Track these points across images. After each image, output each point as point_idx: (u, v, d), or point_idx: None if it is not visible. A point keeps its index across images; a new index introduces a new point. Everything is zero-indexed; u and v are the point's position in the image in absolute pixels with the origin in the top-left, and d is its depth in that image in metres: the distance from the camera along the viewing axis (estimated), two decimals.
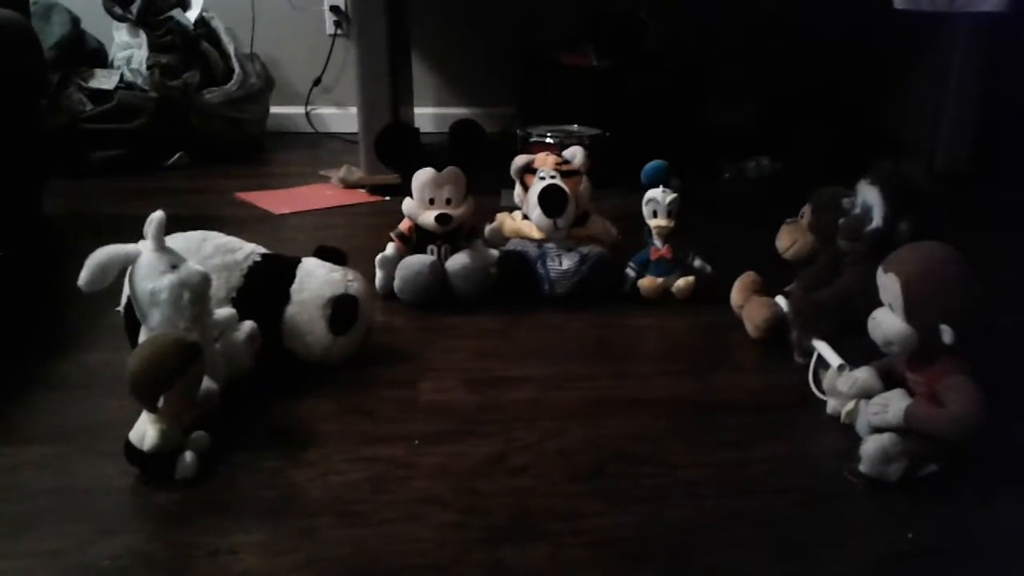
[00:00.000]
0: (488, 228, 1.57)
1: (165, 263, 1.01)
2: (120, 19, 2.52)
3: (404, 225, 1.48)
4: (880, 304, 0.99)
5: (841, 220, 1.19)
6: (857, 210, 1.18)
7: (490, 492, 0.94)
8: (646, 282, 1.48)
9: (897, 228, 1.12)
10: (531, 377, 1.22)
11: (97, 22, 2.55)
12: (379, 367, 1.23)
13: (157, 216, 1.02)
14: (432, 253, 1.46)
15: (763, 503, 0.94)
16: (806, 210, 1.31)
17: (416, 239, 1.47)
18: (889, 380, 1.01)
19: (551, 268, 1.47)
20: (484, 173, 1.48)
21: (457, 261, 1.44)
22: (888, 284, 0.97)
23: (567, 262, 1.47)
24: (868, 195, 1.16)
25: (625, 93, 2.33)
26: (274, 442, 1.03)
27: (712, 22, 2.79)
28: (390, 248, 1.47)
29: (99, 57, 2.55)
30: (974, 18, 2.19)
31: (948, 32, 2.36)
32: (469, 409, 1.13)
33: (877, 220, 1.14)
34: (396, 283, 1.43)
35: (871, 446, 0.95)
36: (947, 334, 0.92)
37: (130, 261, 1.01)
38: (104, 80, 2.44)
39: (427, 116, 2.84)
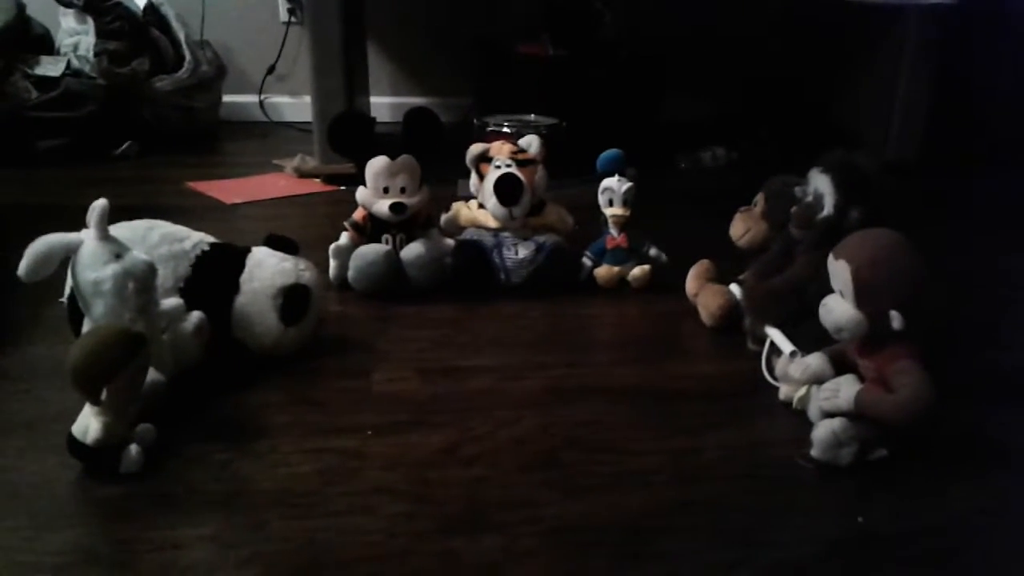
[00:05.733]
0: (444, 217, 1.56)
1: (108, 252, 0.98)
2: (67, 5, 2.47)
3: (358, 214, 1.46)
4: (831, 291, 1.00)
5: (793, 208, 1.20)
6: (809, 198, 1.19)
7: (442, 482, 0.93)
8: (602, 271, 1.48)
9: (848, 216, 1.14)
10: (486, 367, 1.21)
11: (43, 8, 2.49)
12: (332, 357, 1.21)
13: (100, 204, 0.99)
14: (387, 242, 1.44)
15: (716, 489, 0.94)
16: (759, 198, 1.32)
17: (370, 228, 1.45)
18: (840, 366, 1.02)
19: (507, 257, 1.46)
20: (440, 162, 1.47)
21: (412, 250, 1.43)
22: (839, 271, 0.97)
23: (523, 251, 1.46)
24: (820, 183, 1.17)
25: (581, 83, 2.33)
26: (222, 434, 1.01)
27: (669, 12, 2.79)
28: (344, 237, 1.45)
29: (45, 44, 2.49)
30: (926, 9, 2.22)
31: (901, 24, 2.39)
32: (423, 399, 1.12)
33: (828, 208, 1.15)
34: (350, 273, 1.41)
35: (822, 431, 0.96)
36: (896, 320, 0.93)
37: (72, 250, 0.98)
38: (50, 67, 2.38)
39: (383, 105, 2.82)
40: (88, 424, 0.91)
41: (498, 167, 1.47)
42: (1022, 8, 2.44)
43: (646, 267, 1.48)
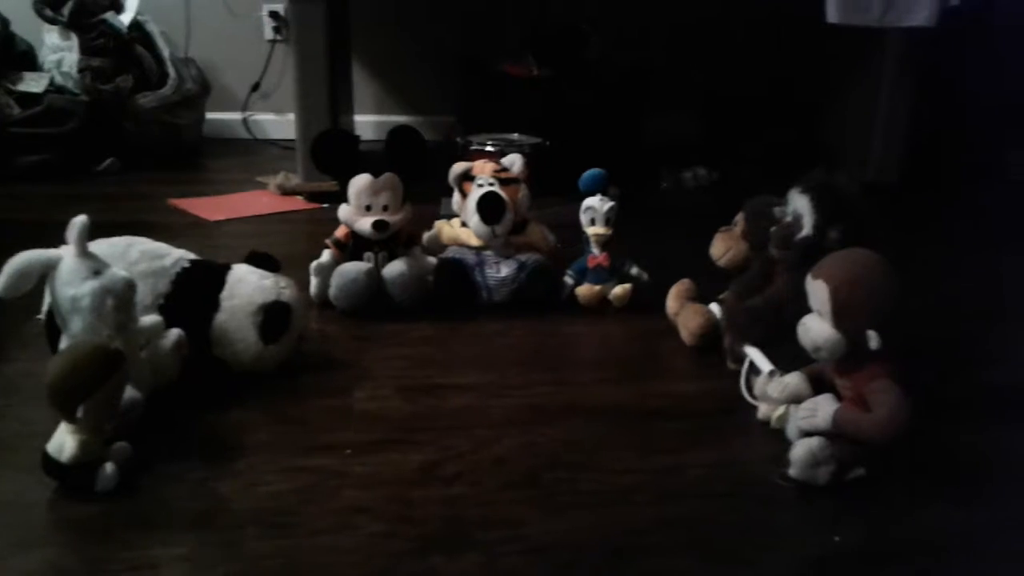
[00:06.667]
0: (426, 235, 1.56)
1: (87, 269, 0.98)
2: (51, 21, 2.46)
3: (340, 232, 1.46)
4: (810, 310, 1.00)
5: (773, 228, 1.21)
6: (788, 218, 1.20)
7: (422, 501, 0.93)
8: (584, 290, 1.48)
9: (827, 236, 1.14)
10: (468, 385, 1.21)
11: (27, 24, 2.48)
12: (312, 375, 1.21)
13: (79, 220, 0.99)
14: (369, 260, 1.44)
15: (696, 508, 0.94)
16: (739, 218, 1.32)
17: (352, 246, 1.45)
18: (818, 385, 1.03)
19: (489, 276, 1.46)
20: (423, 180, 1.47)
21: (394, 268, 1.43)
22: (817, 291, 0.98)
23: (505, 270, 1.46)
24: (799, 204, 1.18)
25: (565, 103, 2.34)
26: (200, 452, 1.00)
27: (653, 34, 2.82)
28: (326, 255, 1.45)
29: (28, 60, 2.48)
30: (906, 32, 2.25)
31: (882, 47, 2.42)
32: (403, 417, 1.11)
33: (807, 228, 1.16)
34: (331, 290, 1.41)
35: (800, 450, 0.96)
36: (873, 340, 0.94)
37: (51, 266, 0.98)
38: (33, 83, 2.37)
39: (367, 123, 2.82)
40: (63, 442, 0.90)
41: (481, 186, 1.47)
42: (1003, 30, 2.48)
43: (627, 286, 1.48)
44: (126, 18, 2.53)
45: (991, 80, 2.50)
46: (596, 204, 1.46)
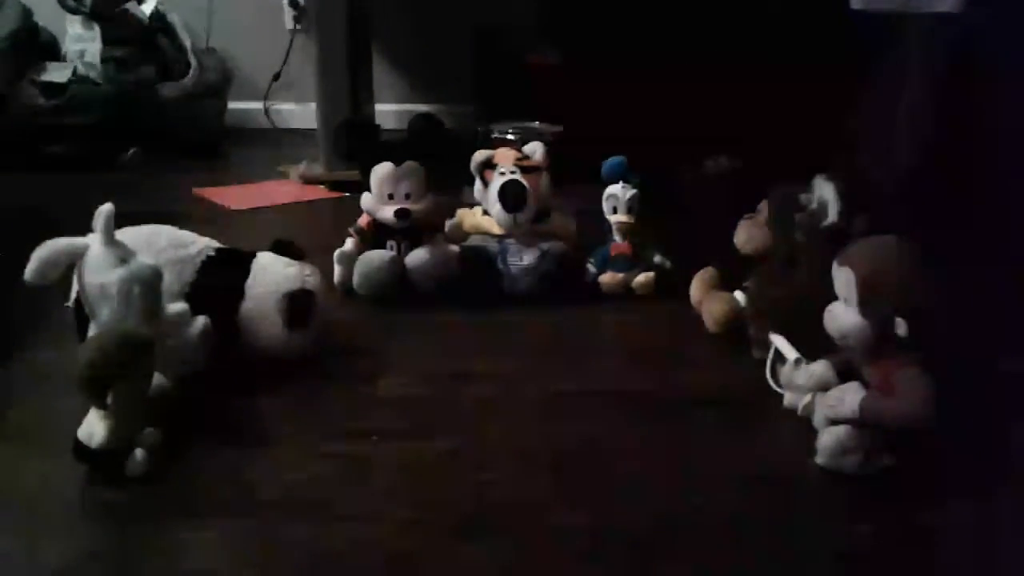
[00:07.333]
0: (448, 224, 1.55)
1: (115, 257, 0.98)
2: (73, 12, 2.47)
3: (363, 220, 1.46)
4: (836, 298, 1.00)
5: (798, 216, 1.20)
6: (813, 206, 1.19)
7: (448, 488, 0.93)
8: (606, 278, 1.48)
9: (852, 223, 1.14)
10: (491, 373, 1.21)
11: (50, 14, 2.50)
12: (337, 363, 1.21)
13: (106, 209, 0.99)
14: (391, 248, 1.44)
15: (721, 496, 0.94)
16: (764, 206, 1.32)
17: (375, 234, 1.45)
18: (845, 373, 1.02)
19: (512, 264, 1.46)
20: (444, 169, 1.47)
21: (417, 256, 1.43)
22: (843, 278, 0.97)
23: (528, 258, 1.46)
24: (824, 191, 1.17)
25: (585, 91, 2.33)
26: (228, 439, 1.01)
27: (668, 20, 2.79)
28: (349, 243, 1.45)
29: (52, 50, 2.50)
30: (929, 17, 2.22)
31: (905, 32, 2.39)
32: (429, 405, 1.12)
33: (833, 215, 1.16)
34: (355, 278, 1.41)
35: (827, 439, 0.96)
36: (900, 327, 0.93)
37: (78, 255, 0.98)
38: (57, 74, 2.39)
39: (389, 112, 2.82)
40: (93, 428, 0.91)
41: (503, 174, 1.47)
42: None
43: (650, 274, 1.48)
44: (147, 8, 2.55)
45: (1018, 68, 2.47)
46: (618, 192, 1.46)
